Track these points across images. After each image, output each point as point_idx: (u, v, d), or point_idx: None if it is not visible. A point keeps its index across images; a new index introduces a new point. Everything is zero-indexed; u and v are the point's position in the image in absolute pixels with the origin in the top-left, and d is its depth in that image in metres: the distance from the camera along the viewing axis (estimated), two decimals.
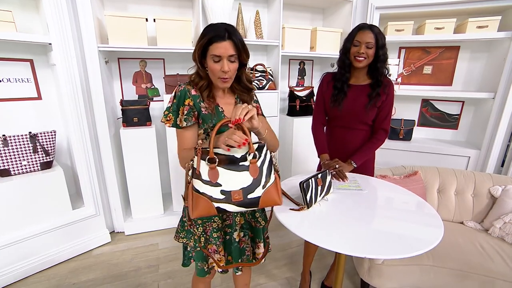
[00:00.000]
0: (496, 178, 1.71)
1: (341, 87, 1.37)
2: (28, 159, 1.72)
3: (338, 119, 1.43)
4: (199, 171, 0.83)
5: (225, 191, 0.83)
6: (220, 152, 0.85)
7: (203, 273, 1.09)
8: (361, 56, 1.28)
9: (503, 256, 1.38)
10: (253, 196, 0.84)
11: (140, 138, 2.04)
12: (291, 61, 2.76)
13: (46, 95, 1.92)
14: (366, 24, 1.31)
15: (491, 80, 2.29)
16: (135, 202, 2.20)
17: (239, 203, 0.84)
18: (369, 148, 1.41)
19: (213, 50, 0.88)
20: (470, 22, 2.19)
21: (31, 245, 1.73)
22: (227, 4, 2.09)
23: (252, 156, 0.85)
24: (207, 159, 0.83)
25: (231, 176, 0.84)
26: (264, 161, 0.87)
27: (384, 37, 1.29)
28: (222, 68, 0.89)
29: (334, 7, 2.61)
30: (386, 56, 1.31)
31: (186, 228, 1.08)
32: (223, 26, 0.90)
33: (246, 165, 0.85)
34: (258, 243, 1.14)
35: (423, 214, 1.02)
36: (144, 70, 2.29)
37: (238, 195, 0.83)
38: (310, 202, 1.00)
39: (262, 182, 0.85)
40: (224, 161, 0.84)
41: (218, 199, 0.83)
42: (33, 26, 1.77)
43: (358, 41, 1.28)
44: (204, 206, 0.83)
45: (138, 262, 1.90)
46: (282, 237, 2.18)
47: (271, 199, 0.87)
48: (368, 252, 0.79)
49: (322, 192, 1.06)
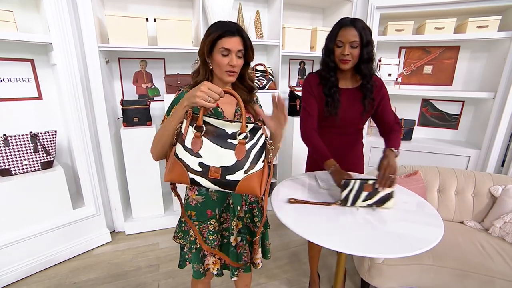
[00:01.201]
0: (496, 177, 1.71)
1: (332, 93, 1.23)
2: (28, 158, 1.72)
3: (333, 127, 1.31)
4: (185, 136, 0.78)
5: (204, 164, 0.77)
6: (211, 122, 0.79)
7: (199, 275, 1.07)
8: (346, 58, 1.15)
9: (503, 256, 1.38)
10: (232, 178, 0.77)
11: (140, 137, 2.04)
12: (291, 61, 2.76)
13: (46, 95, 1.93)
14: (348, 19, 1.15)
15: (491, 80, 2.29)
16: (135, 202, 2.20)
17: (215, 180, 0.78)
18: (397, 136, 1.25)
19: (222, 44, 0.89)
20: (470, 22, 2.19)
21: (32, 244, 1.73)
22: (227, 4, 2.09)
23: (243, 136, 0.77)
24: (194, 126, 0.77)
25: (215, 150, 0.77)
26: (255, 145, 0.79)
27: (370, 32, 1.15)
28: (230, 62, 0.90)
29: (334, 7, 2.61)
30: (370, 55, 1.16)
31: (184, 229, 1.07)
32: (232, 23, 0.92)
33: (234, 144, 0.78)
34: (256, 248, 1.12)
35: (423, 213, 1.03)
36: (144, 70, 2.30)
37: (216, 172, 0.77)
38: (344, 200, 1.02)
39: (246, 167, 0.77)
40: (212, 132, 0.78)
41: (194, 170, 0.77)
42: (33, 26, 1.78)
43: (341, 41, 1.15)
44: (179, 172, 0.78)
45: (139, 261, 1.90)
46: (282, 237, 2.18)
47: (250, 186, 0.78)
48: (369, 251, 0.79)
49: (369, 200, 1.02)
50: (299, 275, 1.79)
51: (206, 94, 0.73)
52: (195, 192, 1.04)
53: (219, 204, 1.03)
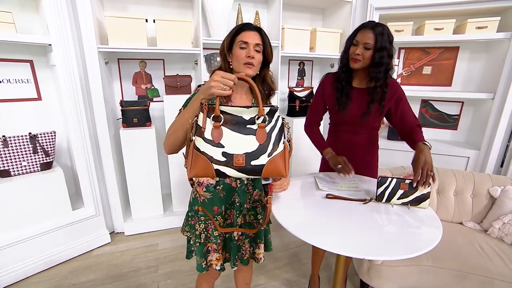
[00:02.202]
0: (495, 178, 1.71)
1: (344, 89, 1.29)
2: (28, 159, 1.72)
3: (344, 124, 1.36)
4: (204, 128, 0.77)
5: (227, 154, 0.77)
6: (227, 111, 0.79)
7: (201, 269, 1.10)
8: (356, 57, 1.20)
9: (502, 257, 1.39)
10: (257, 163, 0.77)
11: (140, 138, 2.04)
12: (291, 61, 2.76)
13: (46, 96, 1.93)
14: (371, 22, 1.21)
15: (490, 81, 2.29)
16: (135, 203, 2.20)
17: (240, 168, 0.77)
18: (422, 134, 1.27)
19: (241, 37, 0.93)
20: (469, 23, 2.19)
21: (31, 245, 1.73)
22: (227, 5, 2.09)
23: (262, 120, 0.78)
24: (212, 117, 0.77)
25: (236, 138, 0.77)
26: (274, 127, 0.79)
27: (388, 39, 1.17)
28: (248, 54, 0.92)
29: (333, 7, 2.61)
30: (382, 61, 1.18)
31: (190, 223, 1.09)
32: (252, 24, 0.98)
33: (254, 129, 0.78)
34: (259, 243, 1.15)
35: (422, 215, 1.03)
36: (144, 70, 2.30)
37: (241, 159, 0.77)
38: (380, 196, 1.05)
39: (269, 150, 0.78)
40: (230, 121, 0.78)
41: (218, 160, 0.77)
42: (33, 27, 1.78)
43: (357, 40, 1.21)
44: (203, 166, 0.78)
45: (138, 262, 1.90)
46: (282, 238, 2.19)
47: (276, 168, 0.79)
48: (367, 253, 0.79)
49: (404, 198, 1.04)
50: (299, 276, 1.80)
51: (221, 82, 0.75)
52: (203, 189, 1.05)
53: (225, 202, 1.05)
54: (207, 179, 1.03)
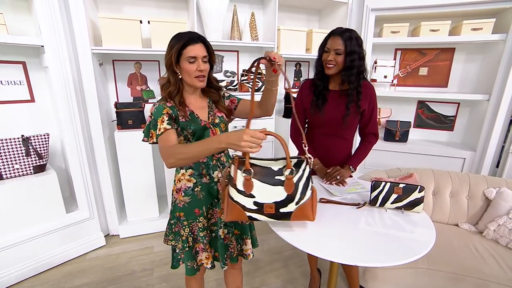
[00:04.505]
0: (490, 180, 1.71)
1: (320, 92, 1.35)
2: (20, 162, 1.70)
3: (321, 126, 1.39)
4: (236, 180, 0.83)
5: (258, 203, 0.83)
6: (257, 163, 0.85)
7: (193, 272, 1.12)
8: (330, 63, 1.26)
9: (497, 259, 1.39)
10: (286, 210, 0.84)
11: (134, 140, 2.02)
12: (287, 62, 2.75)
13: (39, 98, 1.91)
14: (339, 29, 1.26)
15: (486, 82, 2.29)
16: (130, 205, 2.18)
17: (271, 215, 0.85)
18: (363, 151, 1.41)
19: (188, 52, 0.96)
20: (465, 24, 2.20)
21: (24, 249, 1.71)
22: (222, 6, 2.08)
23: (289, 172, 0.82)
24: (243, 170, 0.82)
25: (265, 189, 0.83)
26: (301, 177, 0.84)
27: (357, 43, 1.23)
28: (198, 67, 0.98)
29: (330, 8, 2.61)
30: (354, 64, 1.23)
31: (174, 230, 1.12)
32: (192, 32, 1.01)
33: (282, 180, 0.83)
34: (245, 239, 1.19)
35: (416, 219, 1.02)
36: (139, 72, 2.28)
37: (271, 208, 0.83)
38: (373, 200, 1.06)
39: (296, 199, 0.83)
40: (259, 173, 0.84)
41: (250, 209, 0.84)
42: (25, 28, 1.76)
43: (328, 47, 1.27)
44: (237, 213, 0.85)
45: (133, 265, 1.88)
46: (277, 240, 2.17)
47: (304, 215, 0.85)
48: (360, 260, 0.79)
49: (398, 202, 1.05)
50: (294, 279, 1.79)
51: (250, 142, 0.79)
52: (182, 194, 1.08)
53: (205, 202, 1.09)
54: (184, 183, 1.07)
